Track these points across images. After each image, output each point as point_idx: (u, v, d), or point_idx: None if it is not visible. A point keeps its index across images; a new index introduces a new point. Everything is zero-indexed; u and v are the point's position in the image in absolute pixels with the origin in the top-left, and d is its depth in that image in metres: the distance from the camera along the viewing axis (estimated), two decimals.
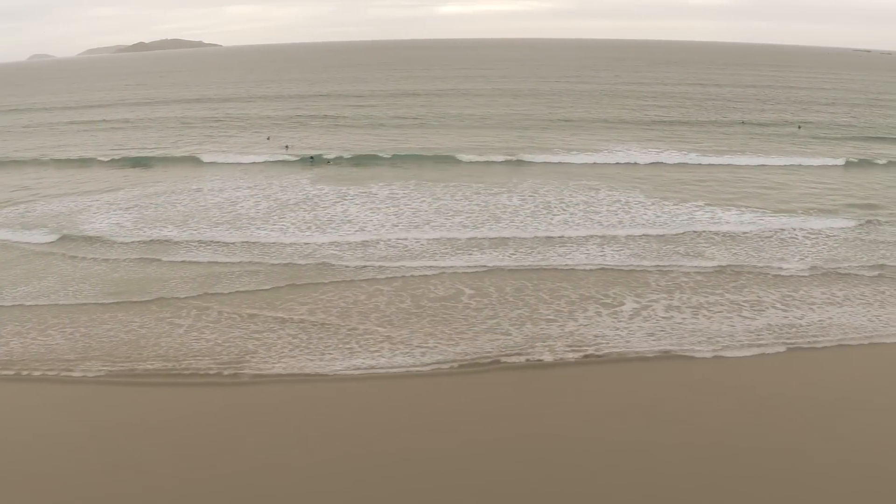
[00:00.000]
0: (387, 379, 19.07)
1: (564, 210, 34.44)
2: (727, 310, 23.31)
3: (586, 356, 20.04)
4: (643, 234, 30.60)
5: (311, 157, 49.30)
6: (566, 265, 27.11)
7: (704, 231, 31.31)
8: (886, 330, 22.11)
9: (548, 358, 19.96)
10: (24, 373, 19.60)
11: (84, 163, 50.48)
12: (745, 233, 31.19)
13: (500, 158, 47.85)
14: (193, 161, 49.75)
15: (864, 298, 24.31)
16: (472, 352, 20.30)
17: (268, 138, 59.88)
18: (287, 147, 54.79)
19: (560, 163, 46.88)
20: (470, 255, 28.24)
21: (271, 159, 49.14)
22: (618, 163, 46.98)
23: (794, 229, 31.90)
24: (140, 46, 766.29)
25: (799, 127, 67.36)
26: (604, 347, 20.59)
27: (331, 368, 19.51)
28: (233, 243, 30.06)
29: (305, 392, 18.61)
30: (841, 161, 48.72)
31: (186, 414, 17.73)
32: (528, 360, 19.82)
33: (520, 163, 46.96)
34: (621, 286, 25.11)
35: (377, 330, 21.85)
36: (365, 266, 27.10)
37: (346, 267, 27.03)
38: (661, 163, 47.32)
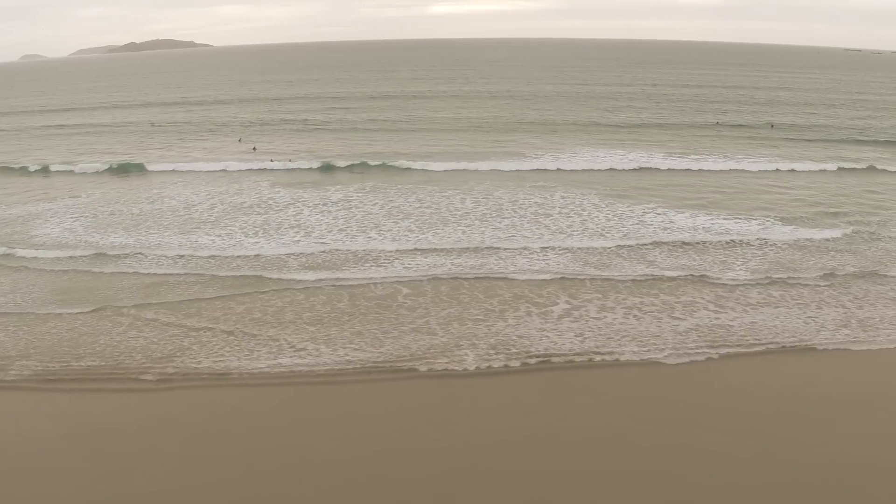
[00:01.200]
0: (307, 385, 19.10)
1: (515, 213, 34.53)
2: (658, 310, 23.47)
3: (506, 365, 19.90)
4: (590, 238, 30.72)
5: (272, 160, 49.17)
6: (506, 269, 27.20)
7: (654, 234, 31.31)
8: (820, 336, 22.10)
9: (469, 360, 20.01)
10: None
11: (50, 168, 49.81)
12: (696, 238, 30.93)
13: (461, 162, 47.35)
14: (159, 164, 49.59)
15: (803, 304, 24.22)
16: (395, 354, 20.39)
17: (239, 140, 60.11)
18: (255, 149, 54.85)
19: (519, 169, 45.97)
20: (413, 258, 28.29)
21: (237, 161, 48.82)
22: (582, 169, 46.29)
23: (746, 236, 31.46)
24: (131, 47, 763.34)
25: (772, 126, 67.50)
26: (527, 349, 20.67)
27: (255, 366, 19.75)
28: (179, 249, 29.97)
29: (222, 396, 18.67)
30: (811, 165, 47.97)
31: (106, 422, 17.72)
32: (446, 368, 19.78)
33: (480, 166, 46.25)
34: (555, 286, 25.33)
35: (306, 328, 22.17)
36: (305, 271, 27.13)
37: (285, 273, 27.06)
38: (622, 168, 46.72)
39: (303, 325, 22.39)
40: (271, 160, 49.17)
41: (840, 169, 47.34)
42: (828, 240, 31.02)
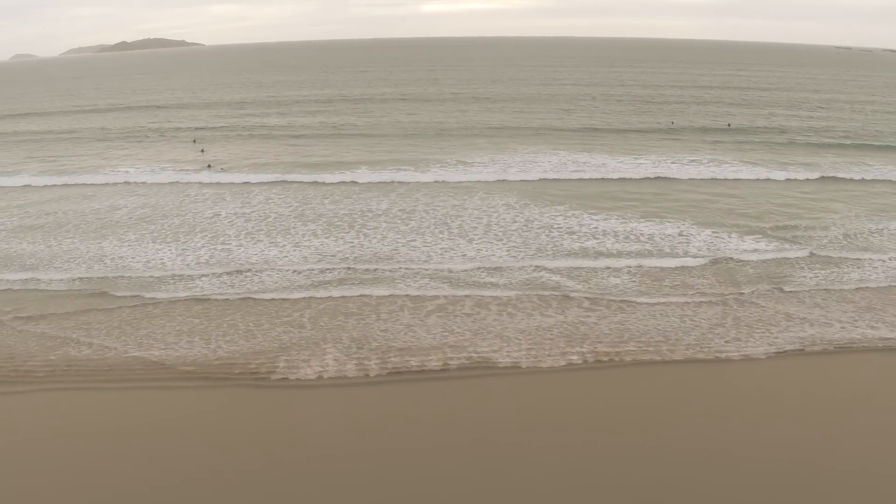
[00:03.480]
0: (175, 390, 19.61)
1: (426, 215, 35.31)
2: (531, 309, 24.19)
3: (366, 373, 20.19)
4: (489, 241, 31.30)
5: (209, 166, 49.82)
6: (395, 270, 27.90)
7: (558, 238, 31.72)
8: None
9: (329, 356, 20.78)
10: None
11: None
12: (602, 244, 31.08)
13: (392, 173, 45.73)
14: (102, 169, 49.96)
15: (682, 306, 24.62)
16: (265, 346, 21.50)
17: (194, 141, 61.50)
18: (203, 151, 55.71)
19: (446, 181, 43.68)
20: (306, 263, 28.92)
21: (175, 172, 48.43)
22: (514, 177, 44.92)
23: (656, 241, 31.51)
24: (122, 46, 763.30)
25: (729, 125, 68.05)
26: (389, 343, 21.65)
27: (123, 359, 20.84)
28: (86, 258, 30.11)
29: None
30: (754, 170, 46.81)
31: None
32: (286, 377, 20.11)
33: (409, 177, 44.57)
34: (436, 286, 26.29)
35: (193, 321, 23.47)
36: (201, 275, 27.86)
37: (184, 279, 27.71)
38: (556, 172, 46.26)
39: (189, 318, 23.67)
40: (209, 165, 49.76)
41: (788, 177, 45.30)
42: (746, 249, 30.37)
